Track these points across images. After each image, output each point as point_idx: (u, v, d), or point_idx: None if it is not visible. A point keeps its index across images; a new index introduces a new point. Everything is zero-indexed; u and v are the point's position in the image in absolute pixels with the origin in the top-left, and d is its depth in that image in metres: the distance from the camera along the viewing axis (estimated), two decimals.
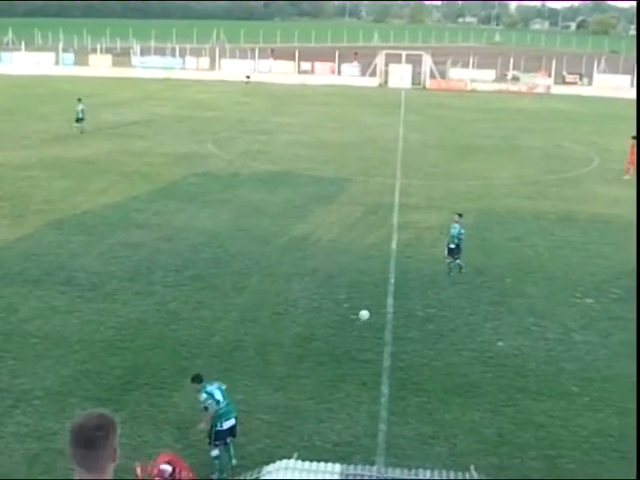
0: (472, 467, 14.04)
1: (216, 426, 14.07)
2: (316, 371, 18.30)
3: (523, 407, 17.03)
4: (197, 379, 14.51)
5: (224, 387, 14.49)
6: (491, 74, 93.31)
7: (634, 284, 24.99)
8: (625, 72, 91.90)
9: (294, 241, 28.42)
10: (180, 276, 24.32)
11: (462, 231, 24.99)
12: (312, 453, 14.40)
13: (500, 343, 20.24)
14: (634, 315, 22.29)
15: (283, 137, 51.38)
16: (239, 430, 15.59)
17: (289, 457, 13.82)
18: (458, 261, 25.06)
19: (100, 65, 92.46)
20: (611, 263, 27.15)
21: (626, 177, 41.13)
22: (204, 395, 14.13)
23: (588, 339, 20.70)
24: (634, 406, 16.74)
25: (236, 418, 14.39)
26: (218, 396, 14.13)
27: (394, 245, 28.17)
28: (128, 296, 22.49)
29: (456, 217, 25.50)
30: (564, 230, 31.16)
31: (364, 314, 20.43)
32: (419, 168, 42.39)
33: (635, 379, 17.06)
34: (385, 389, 17.54)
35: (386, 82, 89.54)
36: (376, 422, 16.12)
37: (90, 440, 4.52)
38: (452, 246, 24.94)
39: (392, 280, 24.54)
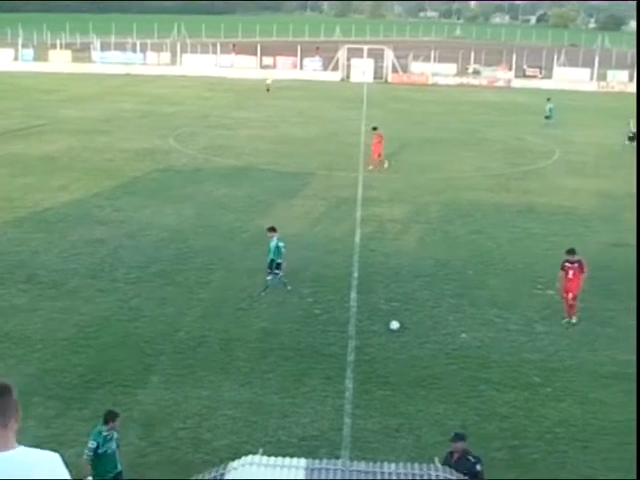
0: (436, 459, 14.09)
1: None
2: (281, 366, 18.30)
3: (487, 398, 17.16)
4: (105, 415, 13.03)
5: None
6: (452, 68, 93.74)
7: (593, 275, 25.18)
8: (585, 65, 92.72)
9: (258, 236, 28.27)
10: (143, 272, 24.18)
11: (280, 244, 22.62)
12: (277, 448, 14.39)
13: (463, 335, 20.37)
14: (596, 306, 22.57)
15: (246, 132, 51.22)
16: (205, 425, 15.59)
17: (254, 452, 13.78)
18: (269, 277, 22.75)
19: (60, 61, 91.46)
20: None
21: (370, 167, 40.05)
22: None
23: (550, 330, 20.90)
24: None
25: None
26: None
27: (357, 239, 28.23)
28: (91, 293, 22.32)
29: (268, 233, 23.12)
30: (525, 222, 31.42)
31: (394, 324, 20.49)
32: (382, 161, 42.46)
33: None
34: (350, 383, 17.58)
35: (348, 76, 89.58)
36: (341, 416, 16.16)
37: None
38: (269, 260, 22.90)
39: (356, 274, 24.60)
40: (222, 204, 32.47)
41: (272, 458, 12.47)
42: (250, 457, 12.58)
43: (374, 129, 40.81)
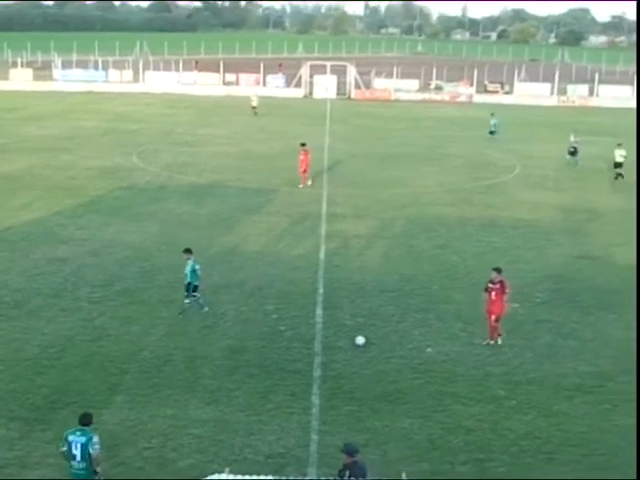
0: (403, 474, 14.15)
1: None
2: (246, 383, 18.24)
3: (452, 412, 17.22)
4: (85, 418, 13.07)
5: (90, 442, 12.78)
6: (415, 84, 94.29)
7: (557, 287, 25.55)
8: (545, 80, 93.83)
9: (221, 253, 28.30)
10: (107, 291, 24.00)
11: (196, 267, 22.21)
12: (244, 466, 14.35)
13: (429, 349, 20.44)
14: (560, 318, 22.77)
15: (209, 149, 51.15)
16: (170, 445, 15.46)
17: (221, 471, 13.74)
18: (187, 300, 22.39)
19: (21, 79, 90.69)
20: (534, 267, 27.67)
21: (301, 186, 39.53)
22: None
23: (514, 343, 21.03)
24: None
25: None
26: (75, 451, 12.75)
27: (322, 255, 28.25)
28: (53, 313, 22.10)
29: (184, 255, 22.56)
30: (488, 236, 31.64)
31: (360, 339, 20.52)
32: (346, 177, 42.62)
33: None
34: (316, 399, 17.56)
35: (311, 93, 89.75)
36: (307, 432, 16.13)
37: None
38: (186, 283, 22.42)
39: (320, 290, 24.60)
40: (186, 221, 32.37)
41: (239, 476, 12.45)
42: (216, 476, 12.55)
43: (302, 145, 40.33)
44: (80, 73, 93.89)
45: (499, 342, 20.89)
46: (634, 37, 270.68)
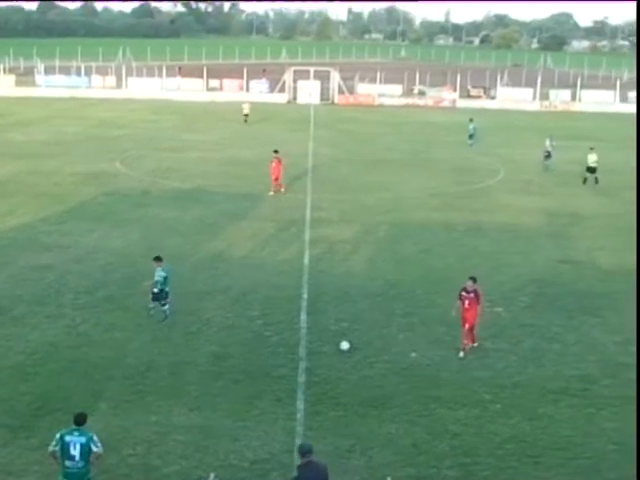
0: (389, 479, 14.15)
1: None
2: (231, 389, 18.21)
3: (438, 417, 17.23)
4: (80, 417, 13.03)
5: (92, 442, 12.82)
6: (398, 89, 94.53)
7: (540, 291, 25.62)
8: (527, 85, 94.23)
9: (206, 259, 28.25)
10: (91, 298, 23.92)
11: (162, 274, 22.16)
12: (229, 472, 14.33)
13: (413, 354, 20.46)
14: (543, 322, 22.84)
15: (194, 154, 51.07)
16: (154, 451, 15.40)
17: (206, 477, 13.71)
18: (165, 307, 22.25)
19: (3, 85, 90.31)
20: (519, 271, 27.74)
21: (271, 193, 39.28)
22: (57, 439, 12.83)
23: (499, 347, 21.09)
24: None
25: None
26: (73, 451, 12.67)
27: (306, 260, 28.24)
28: (37, 320, 22.00)
29: (154, 263, 22.47)
30: (473, 240, 31.71)
31: (344, 345, 20.51)
32: (330, 182, 42.64)
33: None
34: (301, 404, 17.54)
35: (295, 98, 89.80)
36: (292, 438, 16.09)
37: None
38: (155, 290, 22.21)
39: (305, 295, 24.59)
40: (170, 227, 32.29)
41: None
42: None
43: (275, 152, 39.80)
44: (63, 79, 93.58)
45: (475, 345, 20.86)
46: (616, 42, 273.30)
